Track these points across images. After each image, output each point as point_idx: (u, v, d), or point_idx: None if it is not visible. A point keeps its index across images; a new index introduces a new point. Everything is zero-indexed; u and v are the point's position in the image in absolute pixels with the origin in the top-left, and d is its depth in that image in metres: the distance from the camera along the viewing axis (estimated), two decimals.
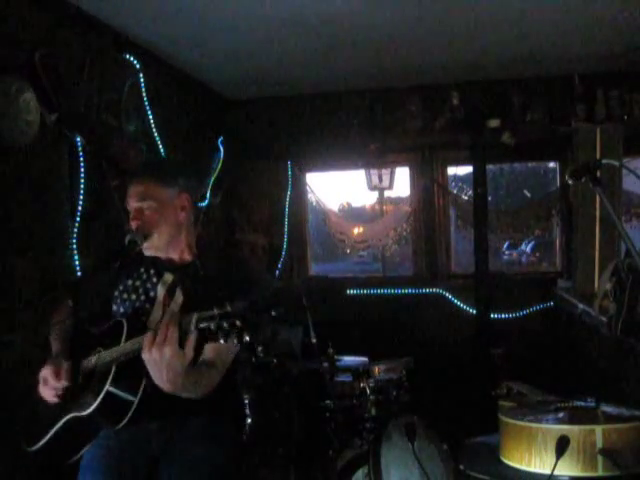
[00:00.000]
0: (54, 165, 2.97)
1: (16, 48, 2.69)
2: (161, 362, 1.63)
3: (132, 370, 1.81)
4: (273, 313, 1.64)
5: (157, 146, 3.87)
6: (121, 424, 1.83)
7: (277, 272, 5.05)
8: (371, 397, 3.17)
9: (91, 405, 1.85)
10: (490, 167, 4.90)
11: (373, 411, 3.15)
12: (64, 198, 3.02)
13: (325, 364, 3.29)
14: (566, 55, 4.13)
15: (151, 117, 3.80)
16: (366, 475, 2.58)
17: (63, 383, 1.88)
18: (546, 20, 3.48)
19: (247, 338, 1.57)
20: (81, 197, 3.07)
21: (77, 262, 3.02)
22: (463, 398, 3.96)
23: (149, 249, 2.05)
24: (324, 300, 3.55)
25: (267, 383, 3.30)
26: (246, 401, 3.12)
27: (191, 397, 1.83)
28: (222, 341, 1.57)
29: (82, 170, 3.08)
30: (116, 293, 2.10)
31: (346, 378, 3.31)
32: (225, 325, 1.57)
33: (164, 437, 1.99)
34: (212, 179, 4.71)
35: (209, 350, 1.86)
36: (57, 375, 1.88)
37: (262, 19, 3.33)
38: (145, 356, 1.66)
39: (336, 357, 3.42)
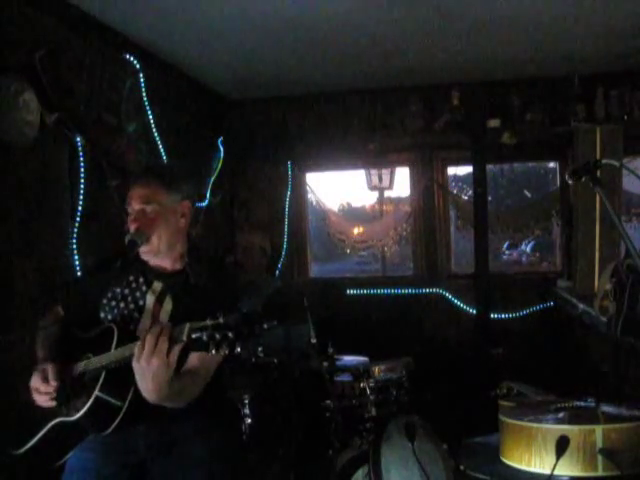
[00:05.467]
0: (54, 165, 2.97)
1: (16, 48, 2.69)
2: (148, 372, 1.64)
3: (121, 376, 1.81)
4: (265, 325, 1.64)
5: (157, 146, 3.87)
6: (109, 430, 1.83)
7: (277, 272, 5.05)
8: (371, 397, 3.17)
9: (79, 410, 1.85)
10: (490, 167, 4.90)
11: (373, 411, 3.16)
12: (64, 198, 3.02)
13: (325, 364, 3.29)
14: (566, 55, 4.13)
15: (151, 117, 3.80)
16: (366, 475, 2.58)
17: (52, 384, 1.87)
18: (546, 20, 3.48)
19: (239, 350, 1.57)
20: (81, 197, 3.07)
21: (77, 262, 3.02)
22: (463, 398, 3.96)
23: (146, 252, 2.05)
24: (324, 300, 3.55)
25: (267, 383, 3.30)
26: (246, 401, 3.12)
27: (173, 406, 1.83)
28: (213, 352, 1.57)
29: (82, 170, 3.08)
30: (104, 301, 2.08)
31: (346, 378, 3.31)
32: (217, 336, 1.57)
33: (152, 440, 1.99)
34: (212, 179, 4.71)
35: (193, 358, 1.86)
36: (45, 379, 1.87)
37: (262, 20, 3.33)
38: (134, 365, 1.67)
39: (336, 357, 3.42)
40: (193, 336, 1.61)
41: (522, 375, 2.84)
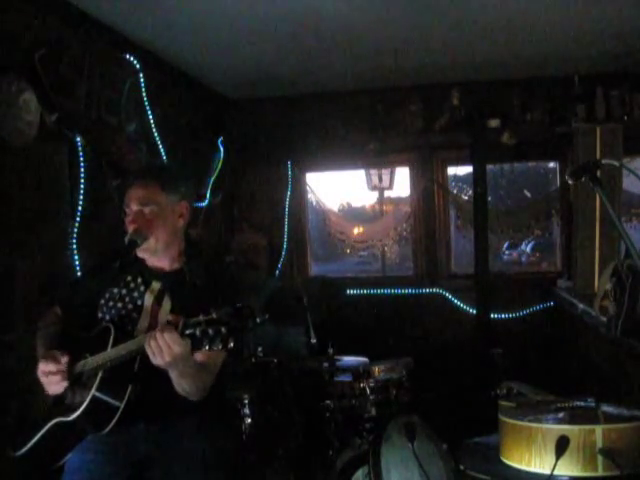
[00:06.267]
0: (54, 165, 2.97)
1: (16, 48, 2.69)
2: (164, 346, 1.70)
3: (118, 376, 1.82)
4: (258, 320, 1.64)
5: (157, 146, 3.87)
6: (106, 429, 1.84)
7: (277, 272, 5.05)
8: (371, 397, 3.17)
9: (77, 410, 1.85)
10: (490, 167, 4.90)
11: (373, 411, 3.15)
12: (64, 198, 3.02)
13: (325, 364, 3.29)
14: (566, 55, 4.13)
15: (151, 117, 3.80)
16: (366, 475, 2.58)
17: (64, 360, 1.88)
18: (546, 20, 3.47)
19: (232, 344, 1.58)
20: (81, 197, 3.07)
21: (77, 262, 3.02)
22: (463, 398, 3.96)
23: (144, 252, 2.05)
24: (324, 300, 3.55)
25: (267, 383, 3.30)
26: (246, 401, 3.12)
27: (189, 397, 1.85)
28: (207, 347, 1.59)
29: (82, 170, 3.07)
30: (102, 301, 2.09)
31: (346, 378, 3.31)
32: (210, 331, 1.58)
33: (151, 439, 2.00)
34: (212, 179, 4.71)
35: (200, 354, 1.87)
36: (55, 359, 1.88)
37: (262, 19, 3.33)
38: (147, 348, 1.72)
39: (336, 357, 3.42)
40: (187, 332, 1.63)
41: (522, 375, 2.83)
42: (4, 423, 2.20)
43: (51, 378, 1.88)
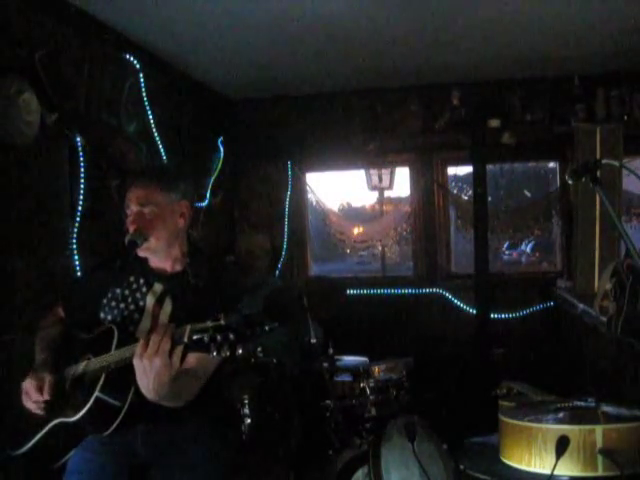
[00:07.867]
0: (54, 165, 2.97)
1: (16, 48, 2.69)
2: (150, 371, 1.63)
3: (121, 377, 1.80)
4: (267, 327, 1.63)
5: (157, 146, 3.87)
6: (109, 431, 1.83)
7: (277, 272, 5.05)
8: (371, 397, 3.17)
9: (79, 411, 1.84)
10: (490, 167, 4.90)
11: (373, 411, 3.16)
12: (64, 198, 3.02)
13: (325, 364, 3.29)
14: (566, 55, 4.13)
15: (151, 117, 3.80)
16: (366, 475, 2.57)
17: (45, 397, 1.86)
18: (546, 20, 3.48)
19: (240, 351, 1.56)
20: (81, 197, 3.07)
21: (77, 262, 3.02)
22: (463, 398, 3.97)
23: (145, 252, 2.05)
24: (324, 300, 3.55)
25: (267, 383, 3.30)
26: (246, 401, 3.12)
27: (171, 406, 1.82)
28: (215, 353, 1.57)
29: (82, 170, 3.08)
30: (104, 301, 2.08)
31: (346, 378, 3.31)
32: (218, 338, 1.57)
33: (152, 441, 1.99)
34: (212, 179, 4.71)
35: (191, 359, 1.83)
36: (39, 389, 1.87)
37: (262, 19, 3.33)
38: (136, 363, 1.66)
39: (336, 357, 3.42)
40: (194, 338, 1.61)
41: (522, 375, 2.83)
42: (5, 422, 2.20)
43: (28, 403, 1.89)
